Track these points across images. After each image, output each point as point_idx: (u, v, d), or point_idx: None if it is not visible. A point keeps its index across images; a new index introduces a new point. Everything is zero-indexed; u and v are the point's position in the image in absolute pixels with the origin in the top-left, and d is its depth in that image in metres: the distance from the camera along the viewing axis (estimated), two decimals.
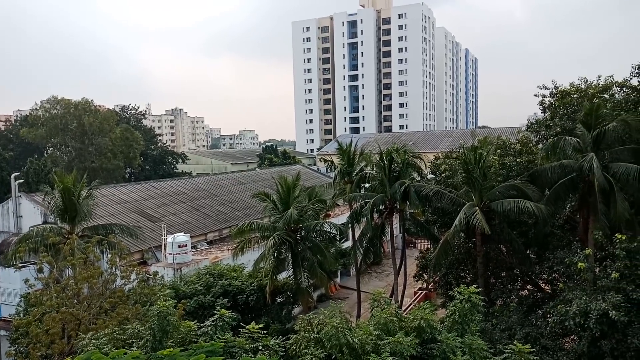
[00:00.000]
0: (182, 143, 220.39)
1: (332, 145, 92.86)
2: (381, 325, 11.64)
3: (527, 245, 25.30)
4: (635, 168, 19.36)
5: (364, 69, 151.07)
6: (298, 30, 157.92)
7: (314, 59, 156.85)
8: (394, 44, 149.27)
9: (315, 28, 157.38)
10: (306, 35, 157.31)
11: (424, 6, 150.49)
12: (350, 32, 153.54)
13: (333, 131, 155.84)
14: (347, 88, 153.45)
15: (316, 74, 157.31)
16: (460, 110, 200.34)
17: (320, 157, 55.54)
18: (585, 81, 26.92)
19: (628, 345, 17.13)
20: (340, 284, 45.28)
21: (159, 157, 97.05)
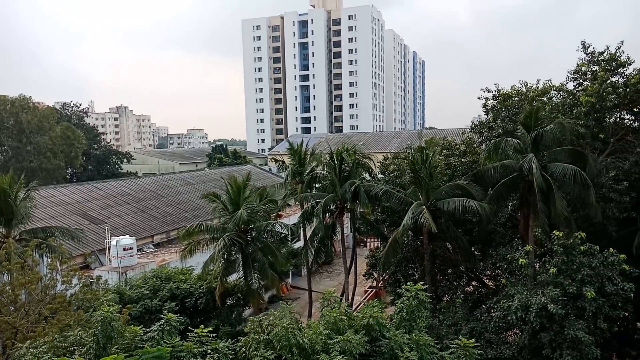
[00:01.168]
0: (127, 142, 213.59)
1: (283, 145, 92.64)
2: (331, 324, 11.72)
3: (471, 242, 26.16)
4: (571, 168, 20.41)
5: (315, 69, 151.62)
6: (248, 28, 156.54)
7: (264, 58, 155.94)
8: (344, 45, 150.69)
9: (266, 27, 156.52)
10: (256, 34, 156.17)
11: (373, 8, 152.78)
12: (301, 32, 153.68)
13: (284, 131, 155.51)
14: (299, 88, 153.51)
15: (267, 73, 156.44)
16: (409, 111, 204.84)
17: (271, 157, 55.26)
18: (525, 84, 28.11)
19: (565, 336, 18.03)
20: (292, 284, 45.25)
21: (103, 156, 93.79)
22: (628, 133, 24.58)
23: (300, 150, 33.62)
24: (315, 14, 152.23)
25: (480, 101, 28.54)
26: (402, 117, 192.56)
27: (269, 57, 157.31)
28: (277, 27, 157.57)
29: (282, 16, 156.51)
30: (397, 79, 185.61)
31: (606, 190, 22.42)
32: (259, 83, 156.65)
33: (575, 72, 25.84)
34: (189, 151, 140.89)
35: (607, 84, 23.45)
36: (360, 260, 36.49)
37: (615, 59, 24.46)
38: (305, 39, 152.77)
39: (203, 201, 30.50)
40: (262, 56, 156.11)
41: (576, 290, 18.52)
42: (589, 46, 25.53)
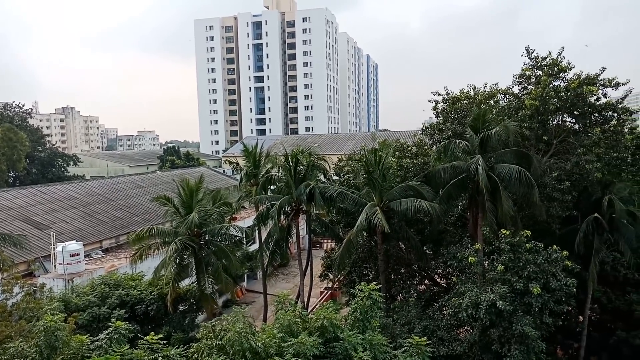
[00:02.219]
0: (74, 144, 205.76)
1: (238, 147, 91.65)
2: (285, 327, 11.66)
3: (423, 242, 26.70)
4: (517, 169, 21.18)
5: (270, 71, 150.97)
6: (201, 28, 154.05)
7: (218, 59, 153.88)
8: (299, 47, 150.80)
9: (219, 27, 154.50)
10: (209, 34, 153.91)
11: (327, 11, 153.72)
12: (255, 33, 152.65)
13: (239, 132, 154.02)
14: (253, 89, 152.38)
15: (220, 74, 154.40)
16: (363, 113, 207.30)
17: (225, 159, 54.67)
18: (473, 88, 28.95)
19: (513, 331, 18.68)
20: (247, 287, 44.82)
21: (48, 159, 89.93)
22: (569, 135, 25.74)
23: (255, 152, 33.31)
24: (269, 16, 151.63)
25: (431, 104, 29.20)
26: (356, 119, 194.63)
27: (223, 58, 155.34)
28: (231, 28, 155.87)
29: (235, 17, 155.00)
30: (352, 82, 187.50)
31: (550, 190, 23.39)
32: (213, 84, 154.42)
33: (520, 77, 26.82)
34: (139, 153, 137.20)
35: (550, 88, 24.49)
36: (316, 261, 36.53)
37: (557, 64, 25.56)
38: (259, 40, 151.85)
39: (154, 205, 29.76)
40: (215, 57, 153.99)
41: (523, 286, 19.25)
42: (533, 52, 26.59)
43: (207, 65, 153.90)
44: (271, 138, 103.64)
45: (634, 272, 24.73)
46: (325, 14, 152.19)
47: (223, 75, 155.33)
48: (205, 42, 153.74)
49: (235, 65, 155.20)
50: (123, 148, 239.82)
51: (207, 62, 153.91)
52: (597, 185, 23.43)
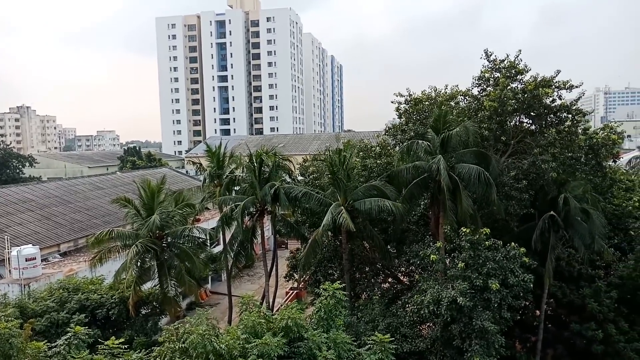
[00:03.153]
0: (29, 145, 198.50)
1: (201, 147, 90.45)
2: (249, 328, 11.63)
3: (387, 240, 27.04)
4: (476, 168, 21.72)
5: (234, 70, 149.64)
6: (163, 27, 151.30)
7: (180, 57, 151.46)
8: (263, 46, 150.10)
9: (182, 26, 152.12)
10: (172, 33, 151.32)
11: (291, 11, 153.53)
12: (218, 32, 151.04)
13: (202, 132, 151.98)
14: (217, 89, 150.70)
15: (183, 73, 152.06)
16: (328, 114, 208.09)
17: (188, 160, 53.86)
18: (435, 89, 29.48)
19: (473, 327, 19.17)
20: (212, 289, 44.33)
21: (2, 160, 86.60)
22: (526, 135, 26.56)
23: (218, 152, 32.99)
24: (233, 15, 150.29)
25: (394, 105, 29.58)
26: (321, 120, 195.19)
27: (185, 57, 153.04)
28: (194, 27, 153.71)
29: (198, 15, 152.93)
30: (316, 82, 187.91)
31: (508, 189, 24.09)
32: (175, 83, 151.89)
33: (479, 79, 27.47)
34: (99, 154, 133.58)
35: (508, 90, 25.19)
36: (281, 262, 36.47)
37: (514, 66, 26.31)
38: (223, 39, 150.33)
39: (114, 207, 29.09)
40: (177, 55, 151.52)
41: (482, 283, 19.77)
42: (491, 54, 27.30)
43: (170, 64, 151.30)
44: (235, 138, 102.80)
45: (588, 268, 25.78)
46: (290, 14, 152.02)
47: (186, 74, 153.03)
48: (168, 40, 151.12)
49: (199, 65, 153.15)
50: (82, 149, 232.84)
51: (169, 61, 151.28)
52: (552, 184, 24.24)
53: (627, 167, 56.39)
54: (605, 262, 26.27)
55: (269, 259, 32.94)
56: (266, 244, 42.26)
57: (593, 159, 25.87)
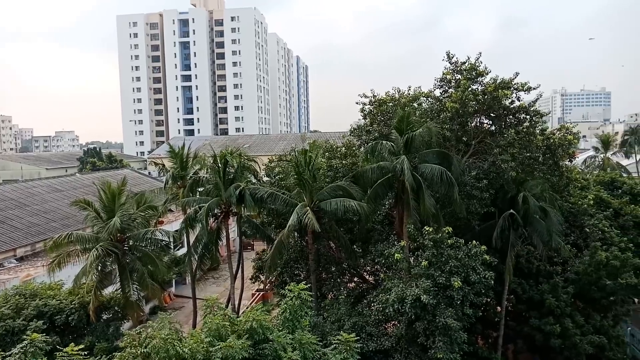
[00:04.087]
0: None
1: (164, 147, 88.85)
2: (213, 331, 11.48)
3: (353, 240, 27.22)
4: (438, 168, 22.14)
5: (198, 70, 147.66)
6: (124, 25, 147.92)
7: (142, 56, 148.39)
8: (228, 46, 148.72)
9: (143, 24, 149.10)
10: (133, 31, 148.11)
11: (256, 11, 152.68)
12: (182, 31, 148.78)
13: (166, 133, 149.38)
14: (180, 88, 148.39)
15: (145, 72, 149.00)
16: (294, 114, 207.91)
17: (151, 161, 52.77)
18: (398, 91, 29.88)
19: (437, 324, 19.52)
20: (176, 293, 43.64)
21: None
22: (487, 136, 27.26)
23: (182, 153, 32.40)
24: (196, 13, 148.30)
25: (359, 106, 29.83)
26: (287, 120, 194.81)
27: (148, 56, 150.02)
28: (156, 25, 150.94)
29: (161, 14, 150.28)
30: (282, 83, 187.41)
31: (469, 188, 24.66)
32: (137, 82, 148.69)
33: (441, 80, 28.04)
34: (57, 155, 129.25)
35: (469, 92, 25.79)
36: (247, 263, 36.19)
37: (475, 68, 26.95)
38: (186, 38, 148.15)
39: (73, 209, 28.18)
40: (139, 54, 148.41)
41: (445, 280, 20.16)
42: (453, 56, 27.88)
43: (131, 63, 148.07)
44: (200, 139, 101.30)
45: (546, 264, 26.68)
46: (255, 13, 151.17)
47: (148, 74, 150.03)
48: (129, 39, 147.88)
49: (161, 64, 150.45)
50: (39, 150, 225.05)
51: (130, 60, 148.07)
52: (512, 183, 24.96)
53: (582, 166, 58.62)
54: (562, 259, 27.25)
55: (235, 261, 32.60)
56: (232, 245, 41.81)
57: (550, 158, 26.80)
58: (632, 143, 78.77)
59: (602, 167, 58.00)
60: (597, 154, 64.58)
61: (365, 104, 29.49)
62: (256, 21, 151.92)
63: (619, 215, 33.46)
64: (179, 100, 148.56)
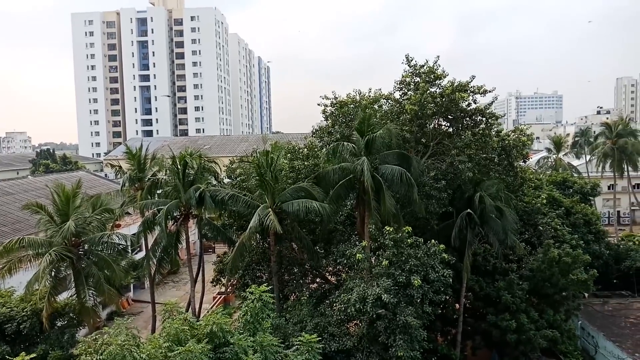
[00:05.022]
0: None
1: (121, 149, 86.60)
2: (172, 336, 11.28)
3: (315, 241, 27.31)
4: (398, 169, 22.48)
5: (157, 69, 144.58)
6: (79, 23, 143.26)
7: (98, 55, 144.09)
8: (188, 46, 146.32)
9: (100, 22, 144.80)
10: (89, 29, 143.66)
11: (216, 11, 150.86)
12: (139, 30, 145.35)
13: (123, 134, 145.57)
14: (138, 88, 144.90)
15: (102, 72, 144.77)
16: (256, 115, 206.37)
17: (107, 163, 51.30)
18: (359, 93, 30.17)
19: (397, 322, 19.80)
20: (134, 298, 42.64)
21: None
22: (445, 138, 27.85)
23: (139, 154, 31.70)
24: (155, 12, 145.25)
25: (321, 107, 29.94)
26: (249, 121, 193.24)
27: (104, 55, 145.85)
28: (113, 23, 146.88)
29: (118, 12, 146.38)
30: (244, 83, 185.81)
31: (428, 188, 25.14)
32: (93, 82, 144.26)
33: (401, 83, 28.46)
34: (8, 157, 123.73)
35: (427, 94, 26.29)
36: (208, 266, 35.72)
37: (433, 72, 27.47)
38: (144, 38, 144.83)
39: (25, 213, 27.14)
40: (95, 53, 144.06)
41: (405, 279, 20.49)
42: (412, 59, 28.36)
43: (87, 62, 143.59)
44: (158, 140, 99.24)
45: (502, 262, 27.51)
46: (215, 13, 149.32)
47: (104, 73, 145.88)
48: (85, 37, 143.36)
49: (119, 63, 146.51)
50: None
51: (86, 59, 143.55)
52: (469, 184, 25.60)
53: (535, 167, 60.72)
54: (517, 256, 28.17)
55: (195, 264, 32.13)
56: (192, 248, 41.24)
57: (505, 159, 27.64)
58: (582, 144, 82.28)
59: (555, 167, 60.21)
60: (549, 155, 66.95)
61: (327, 106, 29.63)
62: (217, 21, 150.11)
63: (570, 214, 34.89)
64: (137, 100, 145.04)
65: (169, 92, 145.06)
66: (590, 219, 35.18)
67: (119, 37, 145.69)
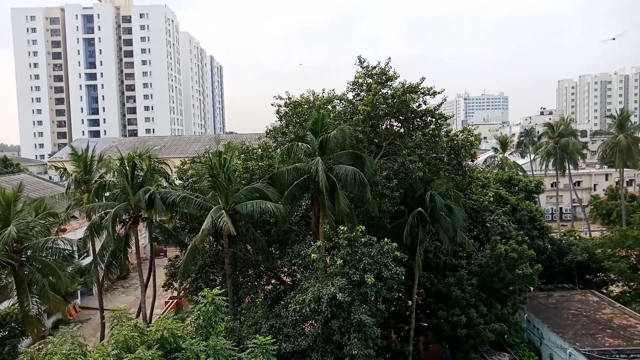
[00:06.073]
0: None
1: (66, 150, 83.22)
2: (120, 343, 10.92)
3: (270, 242, 27.16)
4: (352, 169, 22.70)
5: (104, 68, 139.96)
6: (20, 18, 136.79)
7: (41, 53, 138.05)
8: (137, 44, 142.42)
9: (43, 18, 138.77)
10: (31, 25, 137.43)
11: (167, 8, 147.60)
12: (86, 27, 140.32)
13: (68, 134, 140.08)
14: (85, 87, 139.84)
15: (45, 70, 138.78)
16: (208, 115, 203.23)
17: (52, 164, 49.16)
18: (313, 93, 30.23)
19: (351, 321, 19.96)
20: (82, 305, 41.11)
21: None
22: (396, 138, 28.33)
23: (85, 155, 30.56)
24: (101, 9, 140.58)
25: (275, 107, 29.81)
26: (201, 121, 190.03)
27: (48, 52, 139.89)
28: (57, 20, 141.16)
29: (62, 8, 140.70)
30: (196, 83, 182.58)
31: (381, 188, 25.50)
32: (36, 80, 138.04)
33: (353, 84, 28.72)
34: None
35: (379, 95, 26.66)
36: (159, 271, 34.87)
37: (385, 73, 27.87)
38: (91, 35, 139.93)
39: None
40: (38, 50, 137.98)
41: (359, 278, 20.68)
42: (364, 61, 28.69)
43: (29, 59, 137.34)
44: (106, 140, 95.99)
45: (452, 258, 28.27)
46: (165, 11, 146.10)
47: (48, 71, 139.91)
48: (26, 33, 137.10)
49: (63, 61, 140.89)
50: None
51: (28, 56, 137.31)
52: (420, 183, 26.14)
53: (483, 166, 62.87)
54: (466, 253, 29.04)
55: (146, 269, 31.29)
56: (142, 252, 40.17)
57: (454, 159, 28.43)
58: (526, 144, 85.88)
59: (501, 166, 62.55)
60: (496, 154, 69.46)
61: (280, 106, 29.54)
62: (167, 19, 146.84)
63: (516, 211, 36.28)
64: (83, 99, 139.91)
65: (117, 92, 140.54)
66: (534, 216, 36.68)
67: (64, 34, 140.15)
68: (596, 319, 30.38)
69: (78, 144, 58.66)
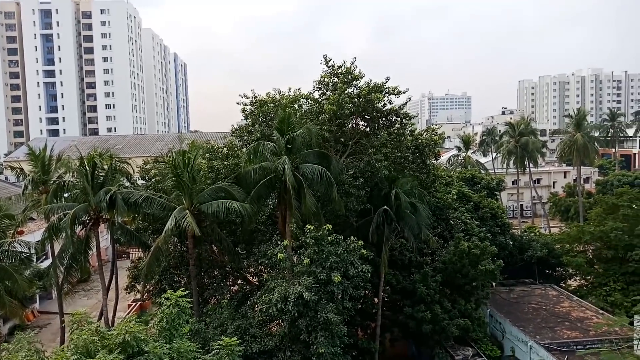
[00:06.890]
0: None
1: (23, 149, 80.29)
2: (80, 348, 10.59)
3: (236, 242, 26.89)
4: (318, 168, 22.72)
5: (63, 65, 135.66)
6: None
7: None
8: (97, 40, 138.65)
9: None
10: None
11: (128, 4, 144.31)
12: (43, 22, 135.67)
13: (25, 133, 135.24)
14: (42, 84, 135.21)
15: (0, 66, 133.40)
16: (172, 114, 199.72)
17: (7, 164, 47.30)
18: (279, 92, 30.11)
19: (318, 319, 19.99)
20: (40, 309, 39.80)
21: None
22: (362, 137, 28.52)
23: (43, 155, 29.56)
24: (60, 4, 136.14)
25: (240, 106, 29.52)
26: (165, 120, 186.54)
27: (3, 48, 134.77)
28: (12, 14, 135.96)
29: (18, 2, 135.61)
30: (159, 80, 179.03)
31: (347, 187, 25.63)
32: None
33: (319, 83, 28.75)
34: None
35: (345, 95, 26.78)
36: (122, 273, 34.07)
37: (350, 72, 27.99)
38: (49, 31, 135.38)
39: None
40: None
41: (326, 276, 20.74)
42: (330, 60, 28.74)
43: None
44: (65, 139, 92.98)
45: (417, 255, 28.69)
46: (127, 7, 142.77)
47: (4, 68, 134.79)
48: None
49: (20, 57, 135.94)
50: None
51: None
52: (385, 181, 26.39)
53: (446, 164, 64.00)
54: (431, 250, 29.51)
55: (107, 271, 30.50)
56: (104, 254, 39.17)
57: (419, 157, 28.85)
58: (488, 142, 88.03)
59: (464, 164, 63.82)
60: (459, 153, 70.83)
61: (246, 105, 29.29)
62: (129, 15, 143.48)
63: (479, 208, 37.10)
64: (41, 97, 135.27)
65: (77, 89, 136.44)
66: (496, 213, 37.59)
67: (20, 30, 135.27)
68: (555, 313, 31.38)
69: (36, 143, 56.83)
